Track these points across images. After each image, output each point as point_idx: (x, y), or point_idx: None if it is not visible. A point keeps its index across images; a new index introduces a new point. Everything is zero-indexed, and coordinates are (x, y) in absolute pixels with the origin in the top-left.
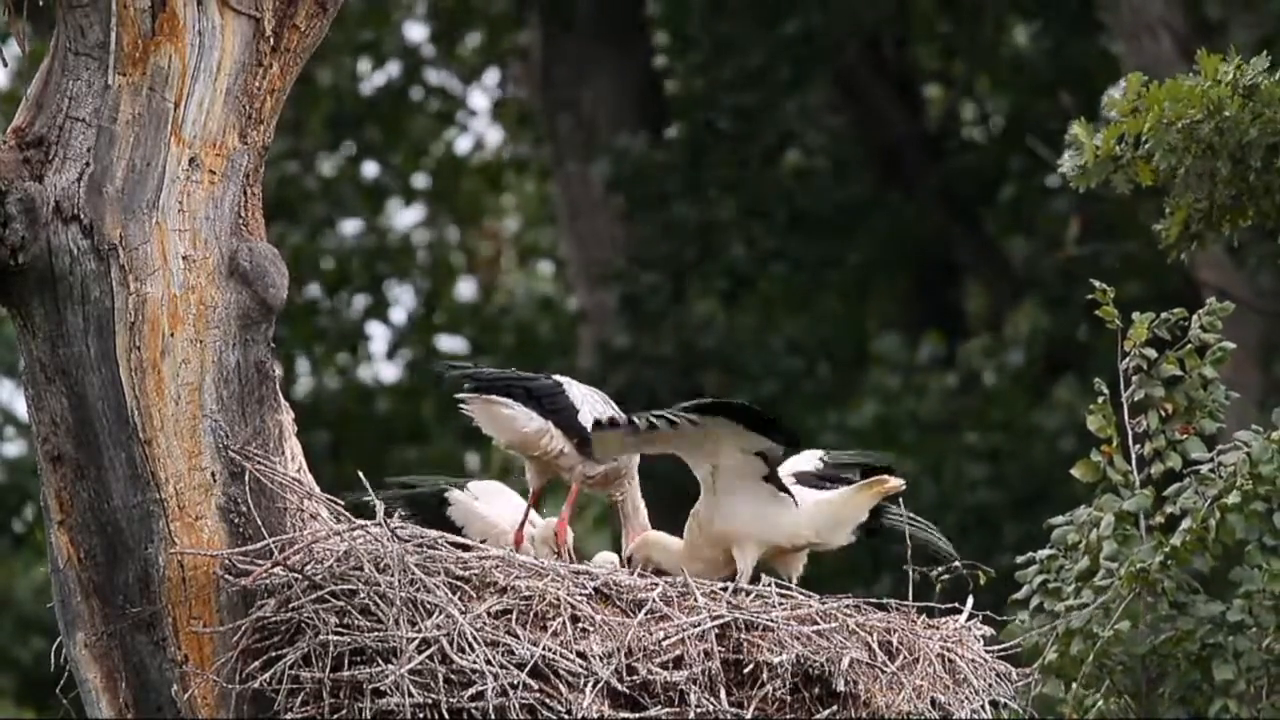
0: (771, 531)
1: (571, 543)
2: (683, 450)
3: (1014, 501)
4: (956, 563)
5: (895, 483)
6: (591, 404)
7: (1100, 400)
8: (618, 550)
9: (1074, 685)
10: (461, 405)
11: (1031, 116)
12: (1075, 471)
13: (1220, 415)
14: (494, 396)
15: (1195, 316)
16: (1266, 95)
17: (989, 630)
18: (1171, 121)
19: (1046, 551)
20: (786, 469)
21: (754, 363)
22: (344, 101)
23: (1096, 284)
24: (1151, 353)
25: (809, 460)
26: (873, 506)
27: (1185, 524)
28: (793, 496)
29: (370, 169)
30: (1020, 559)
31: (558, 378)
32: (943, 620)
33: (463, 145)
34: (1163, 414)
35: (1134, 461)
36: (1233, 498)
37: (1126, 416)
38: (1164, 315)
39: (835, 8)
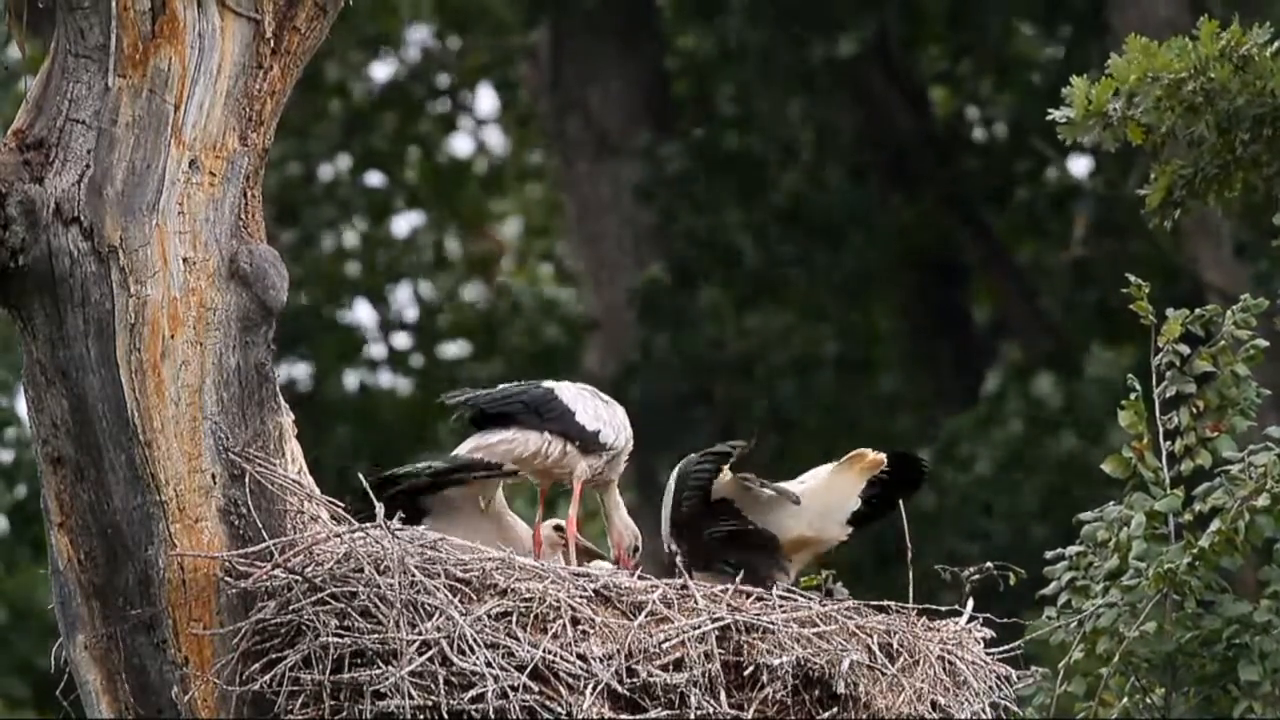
0: (767, 529)
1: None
2: None
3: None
4: (988, 564)
5: (875, 456)
6: (584, 403)
7: (1132, 396)
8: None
9: (1100, 685)
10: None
11: (1037, 119)
12: (1106, 467)
13: (1252, 413)
14: (489, 438)
15: (1229, 313)
16: (1261, 67)
17: (989, 632)
18: (1157, 76)
19: (1076, 548)
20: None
21: (765, 367)
22: (350, 99)
23: (1132, 279)
24: (1184, 349)
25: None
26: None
27: (1214, 525)
28: (785, 491)
29: (374, 178)
30: (1049, 554)
31: (548, 384)
32: (943, 622)
33: (464, 147)
34: (1194, 411)
35: (1164, 458)
36: (1262, 500)
37: (1158, 413)
38: (1198, 311)
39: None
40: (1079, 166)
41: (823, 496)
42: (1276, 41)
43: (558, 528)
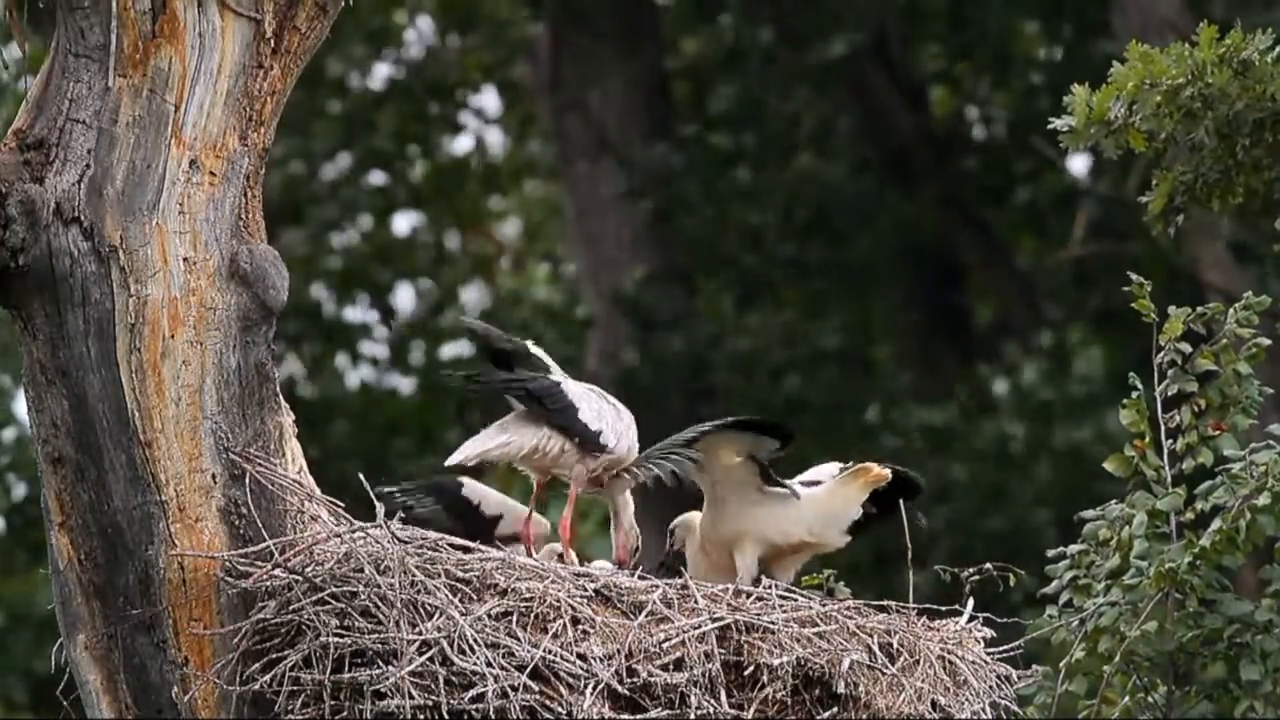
0: (767, 531)
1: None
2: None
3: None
4: (988, 564)
5: (880, 471)
6: (589, 401)
7: (1134, 395)
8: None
9: (1101, 684)
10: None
11: (1037, 117)
12: (1108, 466)
13: (1254, 411)
14: (486, 445)
15: (1231, 311)
16: (1261, 72)
17: (990, 632)
18: (1155, 83)
19: (1078, 546)
20: (803, 480)
21: (765, 367)
22: (350, 97)
23: (1134, 277)
24: (1186, 347)
25: (827, 473)
26: (864, 499)
27: (1215, 524)
28: (790, 489)
29: (376, 177)
30: (1051, 553)
31: (555, 376)
32: (943, 622)
33: (465, 146)
34: (1196, 409)
35: (1166, 456)
36: (1263, 499)
37: (1160, 411)
38: (1199, 310)
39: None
40: (1079, 165)
41: (825, 504)
42: (1278, 47)
43: (560, 557)
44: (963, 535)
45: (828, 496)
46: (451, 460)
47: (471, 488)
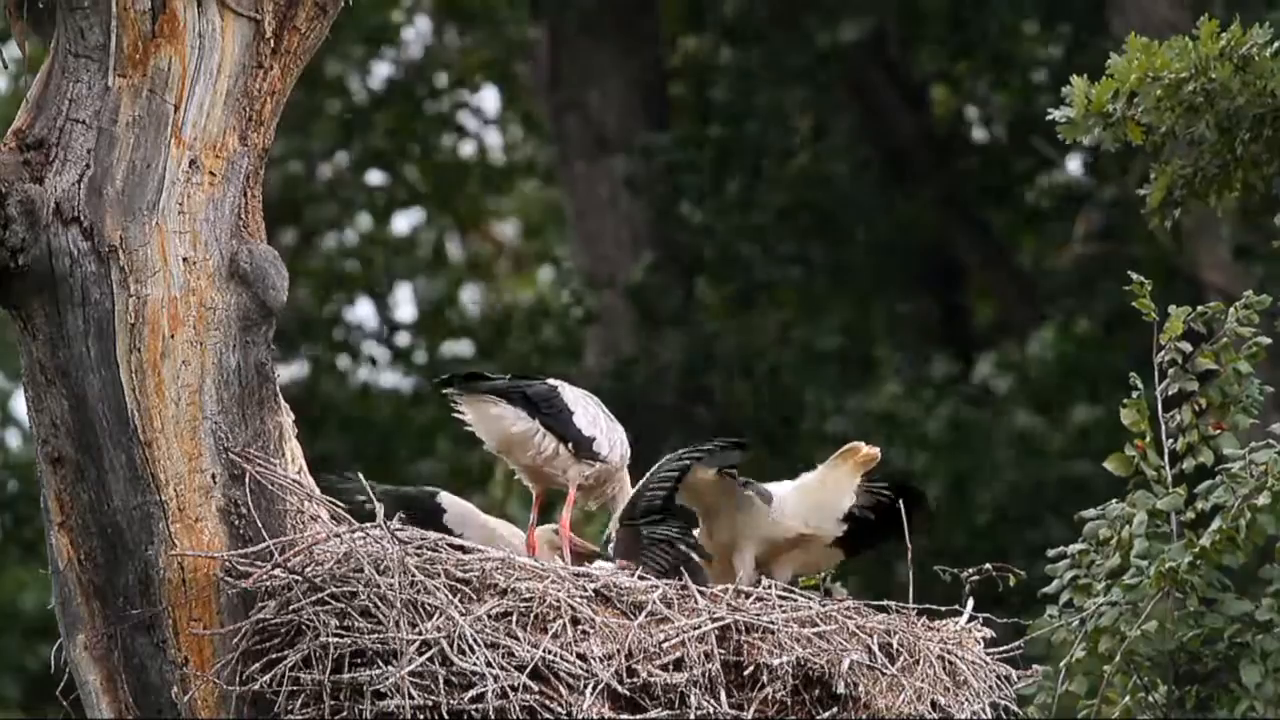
0: (763, 530)
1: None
2: None
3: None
4: (987, 565)
5: (870, 450)
6: (585, 407)
7: (1135, 394)
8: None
9: (1102, 684)
10: (453, 403)
11: (1037, 115)
12: (1108, 465)
13: (1255, 411)
14: (484, 395)
15: (1231, 310)
16: (1261, 67)
17: (989, 632)
18: (1157, 76)
19: (1078, 546)
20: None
21: (763, 366)
22: (349, 97)
23: (1134, 276)
24: (1186, 346)
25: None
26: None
27: (1216, 523)
28: (766, 493)
29: (376, 176)
30: (1051, 553)
31: (552, 381)
32: (943, 622)
33: (464, 146)
34: (1196, 409)
35: (1166, 456)
36: (1263, 498)
37: (1160, 411)
38: (1199, 309)
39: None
40: (1079, 165)
41: (817, 493)
42: (1277, 42)
43: (558, 531)
44: (940, 532)
45: (819, 484)
46: (449, 376)
47: (454, 513)
